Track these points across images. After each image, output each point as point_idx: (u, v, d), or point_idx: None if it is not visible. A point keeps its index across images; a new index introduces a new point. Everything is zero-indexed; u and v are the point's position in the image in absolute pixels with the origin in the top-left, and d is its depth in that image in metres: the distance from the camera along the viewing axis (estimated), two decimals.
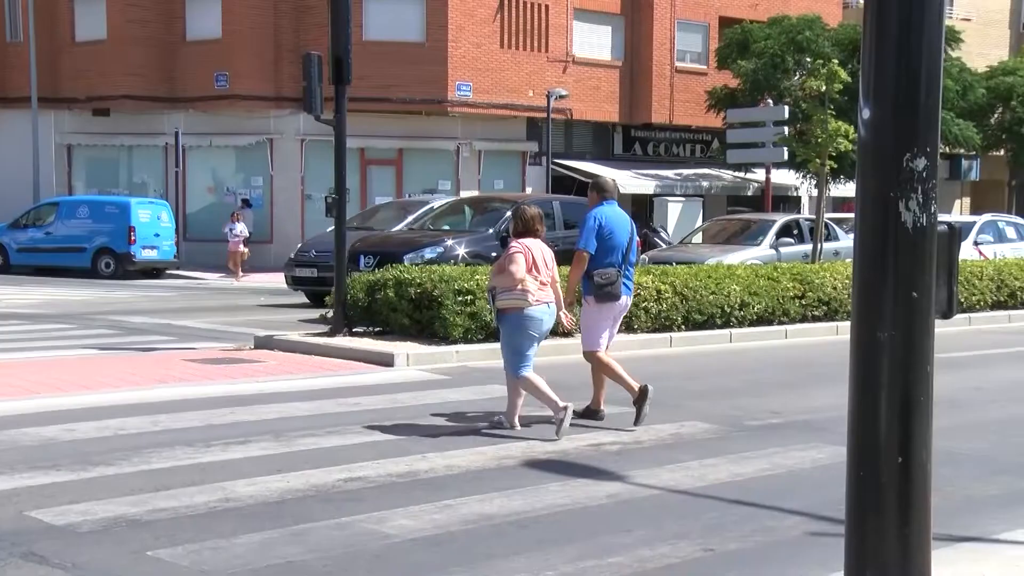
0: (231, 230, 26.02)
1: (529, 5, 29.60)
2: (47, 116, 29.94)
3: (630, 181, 31.10)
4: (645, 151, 33.58)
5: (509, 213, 16.86)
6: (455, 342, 11.76)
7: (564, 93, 29.40)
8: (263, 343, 12.52)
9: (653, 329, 13.33)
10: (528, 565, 5.10)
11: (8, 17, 31.30)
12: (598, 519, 5.91)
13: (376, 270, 13.28)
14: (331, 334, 12.43)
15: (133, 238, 25.77)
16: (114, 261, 26.06)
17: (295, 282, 18.90)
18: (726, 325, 13.89)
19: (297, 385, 10.10)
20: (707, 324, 13.73)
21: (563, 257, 15.02)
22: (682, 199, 30.77)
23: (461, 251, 16.03)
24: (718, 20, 33.09)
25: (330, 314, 12.80)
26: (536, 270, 8.20)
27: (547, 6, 29.90)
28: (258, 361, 11.37)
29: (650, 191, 31.33)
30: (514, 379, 8.23)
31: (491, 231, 16.68)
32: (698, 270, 14.55)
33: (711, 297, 13.74)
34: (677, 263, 16.82)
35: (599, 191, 9.03)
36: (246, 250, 25.85)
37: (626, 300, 8.86)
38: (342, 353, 11.72)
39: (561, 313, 8.52)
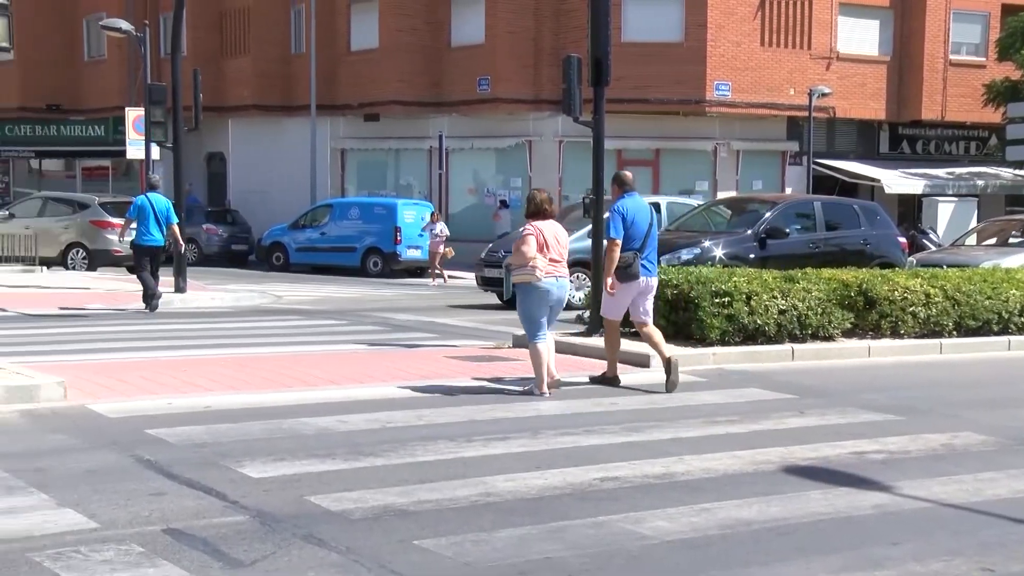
0: (431, 230, 25.87)
1: (792, 1, 28.86)
2: (324, 122, 31.73)
3: (897, 181, 29.81)
4: (913, 149, 32.08)
5: (768, 213, 16.66)
6: (712, 344, 11.64)
7: (827, 91, 28.49)
8: (521, 342, 12.74)
9: (921, 335, 12.75)
10: (788, 573, 4.98)
11: (293, 31, 33.37)
12: (863, 530, 5.70)
13: None
14: (587, 334, 12.54)
15: (399, 238, 26.87)
16: (381, 260, 27.27)
17: (484, 282, 19.16)
18: (1004, 332, 13.10)
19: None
20: (981, 331, 13.01)
21: (823, 260, 14.76)
22: (954, 199, 29.22)
23: (718, 252, 15.81)
24: (1000, 8, 31.17)
25: (587, 314, 12.93)
26: (547, 248, 9.31)
27: (811, 2, 29.06)
28: (516, 359, 11.61)
29: (919, 191, 29.93)
30: (530, 347, 9.41)
31: (749, 232, 16.37)
32: (972, 273, 13.77)
33: (987, 302, 13.00)
34: (948, 266, 15.99)
35: (620, 185, 10.18)
36: (448, 250, 25.83)
37: (646, 280, 10.02)
38: (599, 353, 11.78)
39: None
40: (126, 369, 10.20)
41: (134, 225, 16.68)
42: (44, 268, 23.74)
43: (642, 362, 11.26)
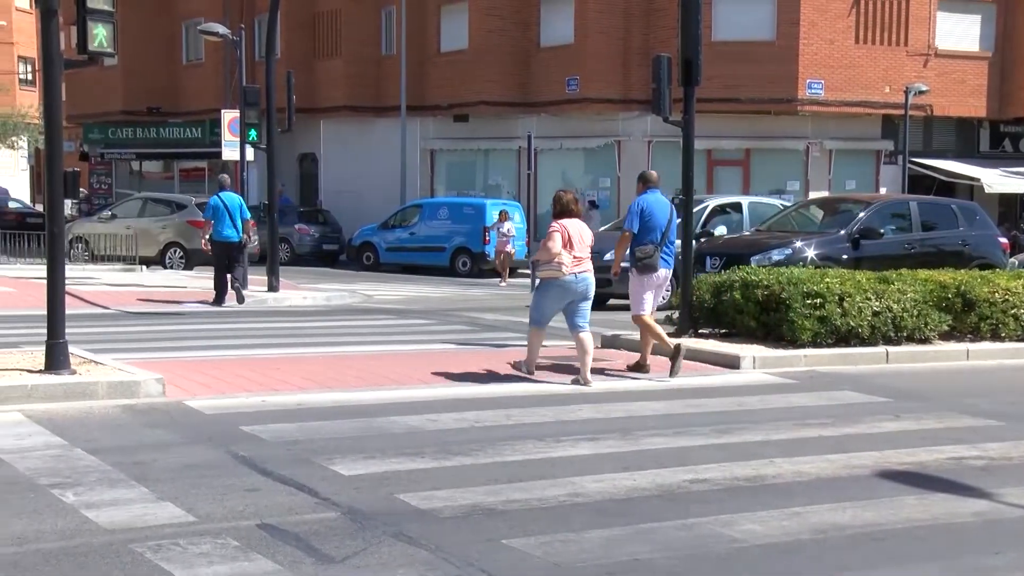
0: (498, 229, 25.72)
1: None
2: (414, 123, 32.02)
3: (998, 180, 29.03)
4: (1016, 147, 31.21)
5: (862, 214, 16.36)
6: (803, 346, 11.48)
7: (924, 88, 27.85)
8: (610, 342, 12.76)
9: (1023, 338, 12.42)
10: None
11: (384, 33, 33.75)
12: (962, 537, 5.57)
13: (722, 272, 13.18)
14: (677, 335, 12.44)
15: (487, 238, 26.98)
16: (470, 260, 27.41)
17: None
18: None
19: (643, 385, 10.21)
20: None
21: (919, 261, 14.45)
22: None
23: (810, 253, 15.58)
24: None
25: (676, 315, 12.85)
26: (571, 246, 9.86)
27: None
28: (605, 360, 11.59)
29: (1021, 190, 29.12)
30: (530, 331, 10.20)
31: (842, 232, 16.09)
32: None
33: None
34: None
35: (644, 182, 10.98)
36: (513, 250, 25.67)
37: (665, 272, 10.72)
38: (688, 354, 11.71)
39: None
40: (222, 366, 10.42)
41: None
42: (144, 267, 24.36)
43: (731, 363, 11.17)
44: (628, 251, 10.74)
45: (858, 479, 6.68)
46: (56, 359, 8.93)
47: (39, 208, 37.40)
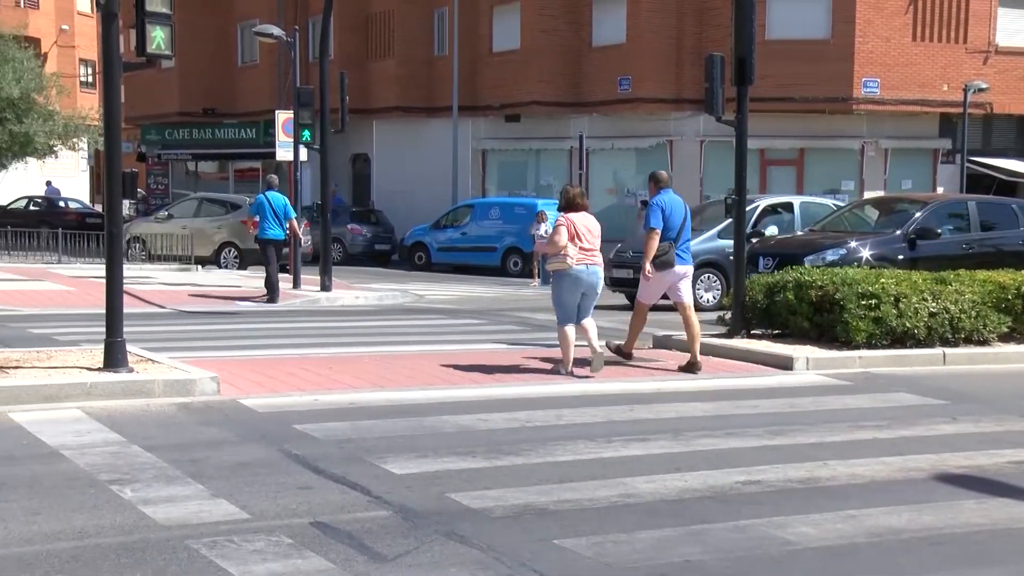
0: (536, 231, 25.03)
1: None
2: (466, 123, 32.11)
3: None
4: None
5: (918, 213, 16.14)
6: (857, 347, 11.36)
7: (984, 86, 27.42)
8: (661, 342, 12.71)
9: None
10: None
11: (436, 33, 33.89)
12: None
13: (775, 272, 13.08)
14: (729, 335, 12.39)
15: None
16: (521, 260, 27.42)
17: (612, 283, 18.98)
18: None
19: (695, 385, 10.17)
20: None
21: (978, 262, 14.23)
22: None
23: (865, 253, 15.41)
24: None
25: (728, 315, 12.77)
26: (578, 238, 10.13)
27: None
28: (656, 360, 11.56)
29: None
30: (559, 331, 10.45)
31: (898, 232, 15.90)
32: None
33: None
34: None
35: (656, 182, 11.35)
36: None
37: (681, 268, 11.07)
38: (740, 355, 11.66)
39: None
40: (275, 365, 10.52)
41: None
42: (199, 267, 24.66)
43: (784, 364, 11.08)
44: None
45: (914, 482, 6.59)
46: (114, 357, 9.08)
47: (98, 208, 38.02)
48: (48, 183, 40.44)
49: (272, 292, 17.72)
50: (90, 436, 7.35)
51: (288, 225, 18.11)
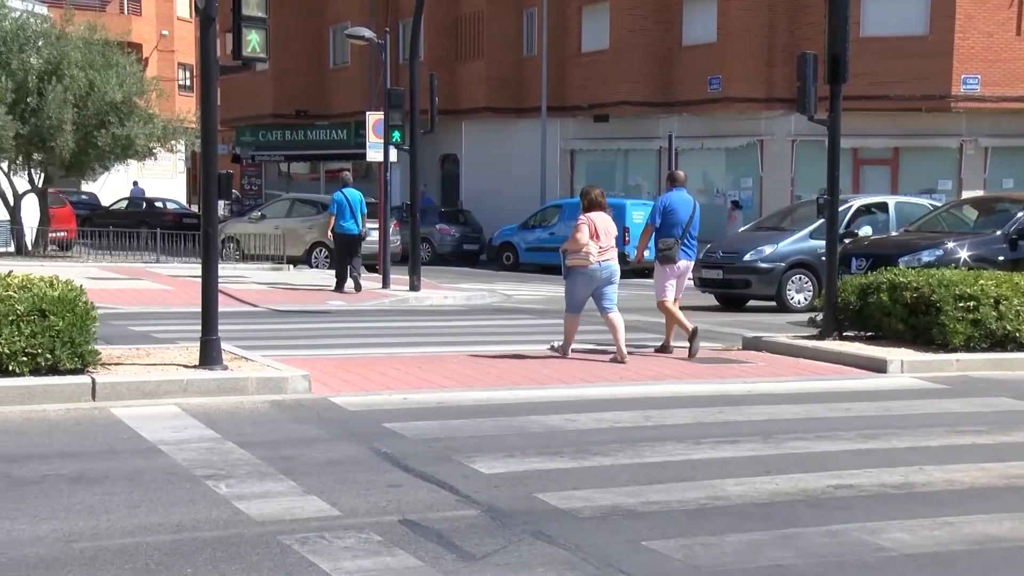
0: None
1: None
2: (554, 124, 32.12)
3: None
4: None
5: (1020, 213, 15.69)
6: (955, 350, 11.10)
7: None
8: (751, 344, 12.57)
9: None
10: None
11: (525, 34, 33.98)
12: None
13: (869, 273, 12.84)
14: (820, 337, 12.20)
15: (627, 238, 26.84)
16: None
17: (702, 284, 18.79)
18: None
19: (785, 387, 10.03)
20: None
21: None
22: None
23: (963, 254, 15.04)
24: None
25: (819, 317, 12.58)
26: (597, 236, 10.97)
27: None
28: (746, 362, 11.43)
29: None
30: (566, 316, 11.31)
31: (999, 233, 15.48)
32: None
33: None
34: None
35: (671, 181, 12.27)
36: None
37: (685, 263, 11.90)
38: (831, 357, 11.47)
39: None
40: (365, 364, 10.64)
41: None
42: (291, 266, 25.06)
43: (878, 367, 10.88)
44: (654, 244, 12.07)
45: (1017, 490, 6.42)
46: (210, 355, 9.27)
47: (195, 209, 38.88)
48: (135, 183, 41.39)
49: (338, 283, 18.95)
50: (187, 432, 7.52)
51: (362, 220, 19.16)
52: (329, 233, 19.70)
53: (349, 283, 19.01)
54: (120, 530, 5.30)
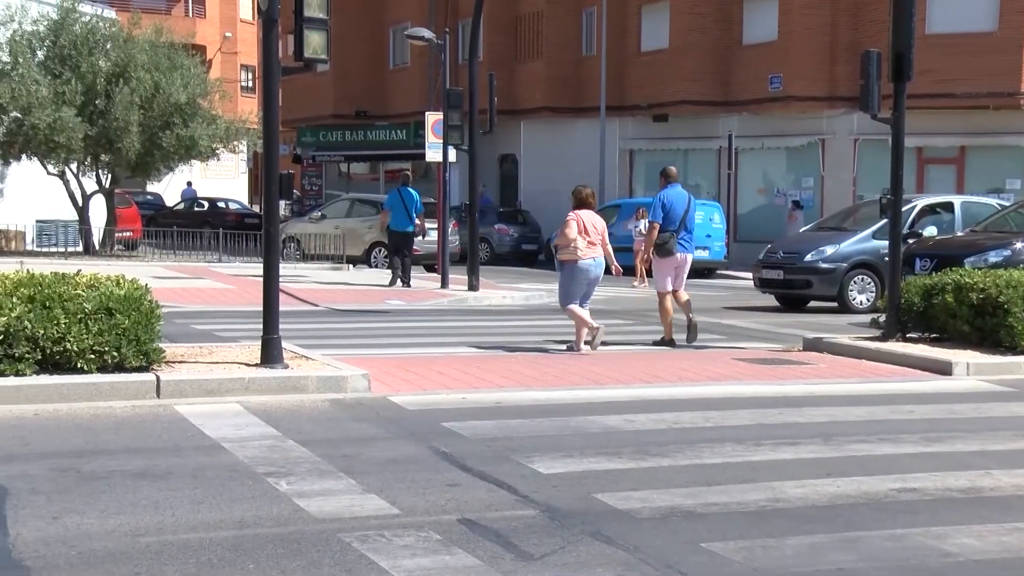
0: (635, 228, 24.48)
1: None
2: (613, 123, 32.01)
3: None
4: None
5: None
6: (1023, 353, 10.89)
7: None
8: (812, 345, 12.43)
9: None
10: None
11: (584, 34, 33.93)
12: None
13: (933, 274, 12.65)
14: (883, 339, 12.04)
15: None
16: None
17: (762, 284, 18.62)
18: None
19: (847, 389, 9.91)
20: None
21: None
22: None
23: None
24: None
25: (882, 318, 12.41)
26: (586, 233, 11.71)
27: None
28: (807, 363, 11.32)
29: None
30: (564, 310, 11.98)
31: None
32: None
33: None
34: None
35: (665, 177, 13.39)
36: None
37: (682, 256, 12.72)
38: (894, 359, 11.32)
39: (613, 266, 12.59)
40: (424, 363, 10.69)
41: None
42: (351, 266, 25.24)
43: (943, 369, 10.71)
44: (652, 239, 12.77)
45: None
46: (271, 354, 9.37)
47: (256, 209, 39.32)
48: (188, 184, 41.87)
49: (392, 279, 19.75)
50: (248, 430, 7.61)
51: (417, 219, 19.94)
52: (382, 228, 20.64)
53: (398, 283, 19.52)
54: (184, 525, 5.38)
